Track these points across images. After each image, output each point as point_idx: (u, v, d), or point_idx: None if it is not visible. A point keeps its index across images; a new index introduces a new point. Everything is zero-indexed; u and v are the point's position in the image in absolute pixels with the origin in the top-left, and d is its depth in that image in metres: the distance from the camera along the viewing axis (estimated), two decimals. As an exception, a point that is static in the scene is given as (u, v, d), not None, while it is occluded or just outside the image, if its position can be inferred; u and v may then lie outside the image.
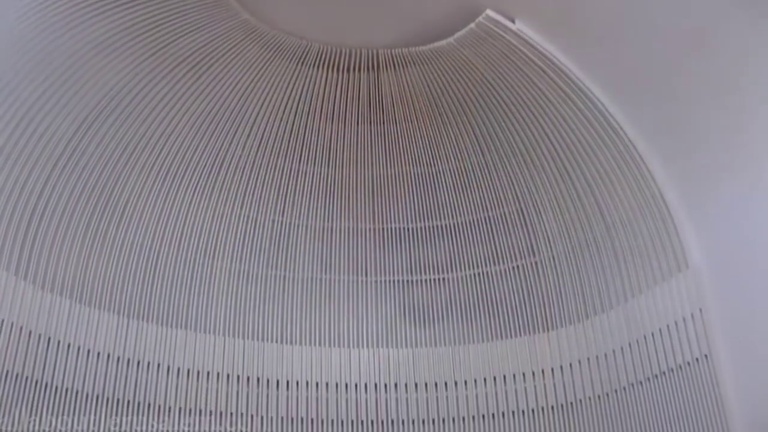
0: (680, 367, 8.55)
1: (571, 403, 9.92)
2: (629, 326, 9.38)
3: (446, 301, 11.03)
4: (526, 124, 10.15)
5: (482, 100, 10.34)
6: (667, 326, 8.81)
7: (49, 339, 8.58)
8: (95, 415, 8.83)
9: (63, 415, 8.50)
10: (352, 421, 10.28)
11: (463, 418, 10.34)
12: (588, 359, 9.87)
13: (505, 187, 10.78)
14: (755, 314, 7.69)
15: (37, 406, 8.26)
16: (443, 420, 10.37)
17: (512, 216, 10.83)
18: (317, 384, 10.41)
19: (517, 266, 10.80)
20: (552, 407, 10.06)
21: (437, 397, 10.51)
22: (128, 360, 9.33)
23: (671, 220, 8.89)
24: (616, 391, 9.40)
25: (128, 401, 9.17)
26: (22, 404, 8.06)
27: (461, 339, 10.81)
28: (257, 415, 9.99)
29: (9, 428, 7.85)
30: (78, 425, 8.62)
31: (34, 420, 8.17)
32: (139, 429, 9.16)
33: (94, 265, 9.31)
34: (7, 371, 7.95)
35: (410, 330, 10.93)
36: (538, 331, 10.48)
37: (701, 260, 8.59)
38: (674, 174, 8.84)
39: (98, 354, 9.07)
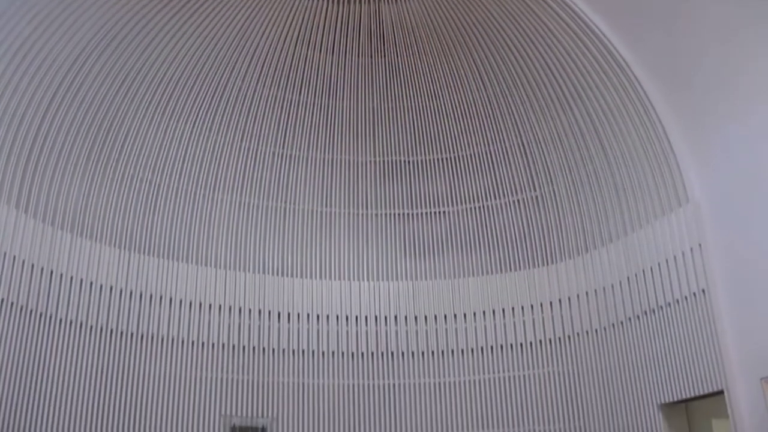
0: (677, 301, 8.63)
1: (569, 336, 10.07)
2: (628, 260, 9.44)
3: (446, 235, 11.09)
4: (528, 57, 10.02)
5: (484, 32, 10.18)
6: (666, 261, 8.87)
7: (52, 272, 8.64)
8: (98, 346, 8.96)
9: (66, 346, 8.61)
10: (353, 353, 10.44)
11: (462, 351, 10.50)
12: (587, 293, 9.97)
13: (506, 120, 10.71)
14: (754, 250, 7.71)
15: (40, 338, 8.36)
16: (442, 352, 10.53)
17: (513, 149, 10.79)
18: (318, 316, 10.53)
19: (518, 200, 10.82)
20: (550, 340, 10.21)
21: (437, 330, 10.65)
22: (130, 292, 9.42)
23: (673, 155, 8.85)
24: (614, 324, 9.52)
25: (131, 333, 9.29)
26: (25, 336, 8.15)
27: (461, 272, 10.90)
28: (259, 346, 10.13)
29: (13, 360, 7.95)
30: (81, 356, 8.75)
31: (38, 351, 8.28)
32: (141, 360, 9.30)
33: (94, 199, 9.31)
34: (12, 303, 8.02)
35: (410, 263, 11.01)
36: (538, 265, 10.56)
37: (702, 195, 8.58)
38: (677, 109, 8.76)
39: (101, 287, 9.15)
